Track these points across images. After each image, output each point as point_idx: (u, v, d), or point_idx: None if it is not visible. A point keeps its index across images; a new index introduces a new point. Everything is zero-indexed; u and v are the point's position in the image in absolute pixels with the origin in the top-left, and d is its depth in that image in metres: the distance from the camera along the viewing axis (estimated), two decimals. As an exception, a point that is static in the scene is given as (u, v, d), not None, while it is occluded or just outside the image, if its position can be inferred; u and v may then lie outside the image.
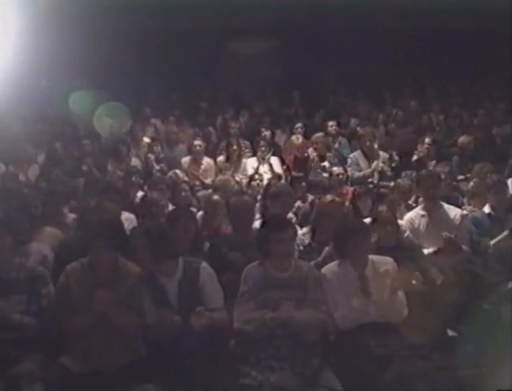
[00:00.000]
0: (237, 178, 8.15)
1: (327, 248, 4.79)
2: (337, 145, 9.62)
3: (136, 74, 11.70)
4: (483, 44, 12.13)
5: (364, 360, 3.98)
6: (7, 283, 4.19)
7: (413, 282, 4.32)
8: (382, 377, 3.88)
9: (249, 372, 3.87)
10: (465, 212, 6.16)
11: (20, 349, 4.03)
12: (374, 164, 8.23)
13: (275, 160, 8.72)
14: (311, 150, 8.99)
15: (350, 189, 7.10)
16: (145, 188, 7.35)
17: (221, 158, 8.99)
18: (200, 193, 7.61)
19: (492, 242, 5.43)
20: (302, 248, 5.08)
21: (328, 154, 8.96)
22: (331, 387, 3.89)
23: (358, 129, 10.04)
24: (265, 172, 8.40)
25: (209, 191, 7.43)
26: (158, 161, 9.00)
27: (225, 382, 3.89)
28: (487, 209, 5.96)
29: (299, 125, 10.02)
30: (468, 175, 7.96)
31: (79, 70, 10.76)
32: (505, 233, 5.29)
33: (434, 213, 5.80)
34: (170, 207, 6.40)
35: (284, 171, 8.65)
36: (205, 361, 3.89)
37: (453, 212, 5.84)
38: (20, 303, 4.15)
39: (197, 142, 8.99)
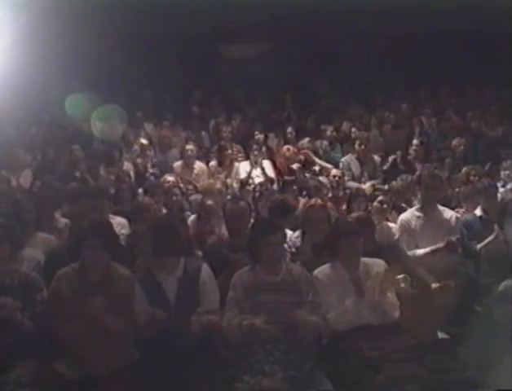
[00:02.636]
0: (234, 184, 8.16)
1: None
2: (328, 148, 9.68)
3: (128, 78, 11.66)
4: (474, 47, 12.16)
5: (356, 363, 3.98)
6: (1, 289, 4.17)
7: (402, 285, 4.33)
8: (375, 380, 3.88)
9: (241, 377, 3.85)
10: (459, 215, 6.18)
11: (14, 355, 4.00)
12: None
13: (267, 164, 8.72)
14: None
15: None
16: (140, 192, 7.35)
17: (213, 162, 8.99)
18: (193, 197, 7.61)
19: (479, 245, 5.46)
20: (293, 249, 5.07)
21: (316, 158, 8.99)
22: (324, 390, 3.90)
23: (352, 129, 10.11)
24: (257, 176, 8.41)
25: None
26: (151, 166, 8.99)
27: (217, 387, 3.88)
28: (478, 212, 5.99)
29: (290, 130, 10.04)
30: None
31: (72, 74, 10.72)
32: (492, 236, 5.31)
33: (430, 215, 5.79)
34: (164, 211, 6.41)
35: (277, 175, 8.65)
36: (197, 365, 3.89)
37: (448, 214, 5.86)
38: (14, 309, 4.13)
39: (189, 146, 8.98)
